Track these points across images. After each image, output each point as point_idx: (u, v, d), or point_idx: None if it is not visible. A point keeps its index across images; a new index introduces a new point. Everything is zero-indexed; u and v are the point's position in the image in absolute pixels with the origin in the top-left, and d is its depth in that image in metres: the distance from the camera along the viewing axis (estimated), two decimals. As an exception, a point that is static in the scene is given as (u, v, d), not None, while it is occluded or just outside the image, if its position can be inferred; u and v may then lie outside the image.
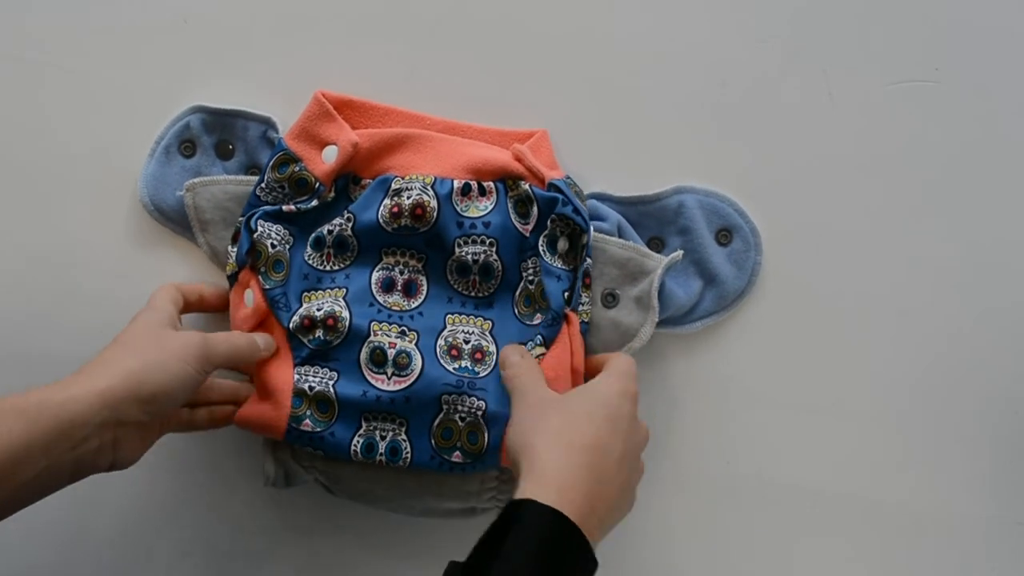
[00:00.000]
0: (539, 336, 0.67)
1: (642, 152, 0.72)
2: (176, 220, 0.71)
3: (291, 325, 0.66)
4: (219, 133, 0.71)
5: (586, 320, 0.68)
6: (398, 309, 0.68)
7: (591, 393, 0.60)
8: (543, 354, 0.66)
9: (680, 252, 0.69)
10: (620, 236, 0.70)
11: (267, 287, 0.67)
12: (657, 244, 0.71)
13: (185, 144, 0.71)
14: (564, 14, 0.72)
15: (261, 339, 0.66)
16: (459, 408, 0.65)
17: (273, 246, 0.67)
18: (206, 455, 0.74)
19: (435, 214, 0.66)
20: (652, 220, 0.71)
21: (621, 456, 0.57)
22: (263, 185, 0.68)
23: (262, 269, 0.67)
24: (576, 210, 0.67)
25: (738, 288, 0.71)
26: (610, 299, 0.69)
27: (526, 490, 0.54)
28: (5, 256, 0.73)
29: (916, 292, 0.73)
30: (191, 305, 0.69)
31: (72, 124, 0.73)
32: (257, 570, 0.75)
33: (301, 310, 0.66)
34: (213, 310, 0.70)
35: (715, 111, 0.72)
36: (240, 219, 0.68)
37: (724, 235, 0.71)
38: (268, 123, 0.71)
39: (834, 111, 0.72)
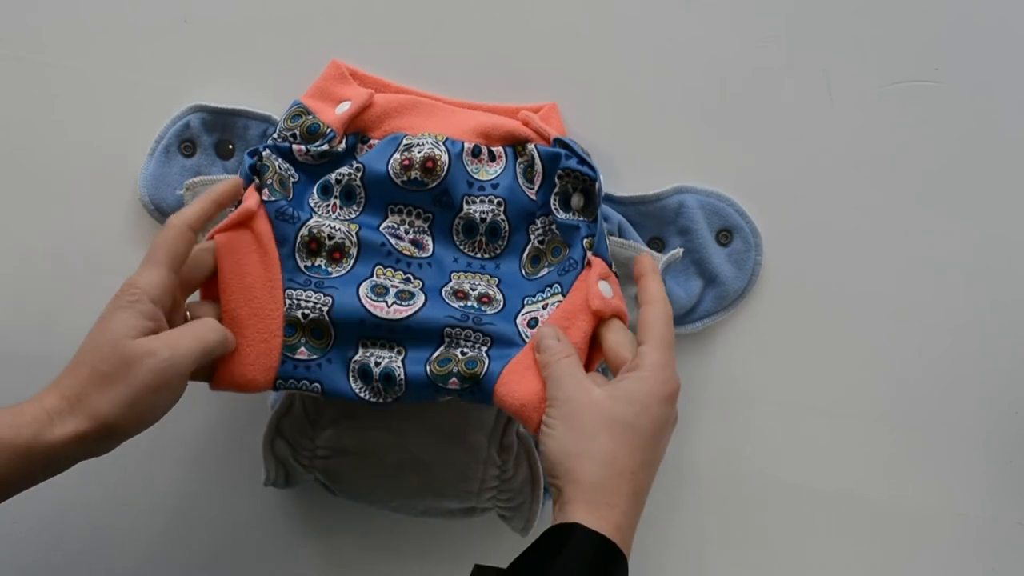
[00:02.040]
0: (556, 284, 0.64)
1: (642, 152, 0.72)
2: (176, 220, 0.71)
3: (298, 239, 0.64)
4: (219, 132, 0.71)
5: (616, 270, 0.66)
6: (409, 254, 0.66)
7: (637, 404, 0.56)
8: (560, 302, 0.64)
9: (680, 250, 0.68)
10: (621, 236, 0.70)
11: (271, 199, 0.64)
12: (658, 244, 0.71)
13: (185, 144, 0.71)
14: (562, 14, 0.72)
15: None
16: (462, 343, 0.62)
17: (280, 168, 0.65)
18: (206, 454, 0.74)
19: (445, 168, 0.66)
20: (652, 220, 0.71)
21: (658, 463, 0.57)
22: (275, 135, 0.67)
23: (269, 182, 0.64)
24: (581, 160, 0.65)
25: (738, 288, 0.71)
26: None
27: (575, 515, 0.53)
28: (5, 256, 0.73)
29: (916, 292, 0.73)
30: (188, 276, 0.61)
31: (72, 123, 0.73)
32: (257, 570, 0.75)
33: (311, 223, 0.64)
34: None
35: (715, 111, 0.72)
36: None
37: (724, 235, 0.71)
38: (268, 121, 0.71)
39: (834, 111, 0.72)
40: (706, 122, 0.72)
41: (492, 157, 0.67)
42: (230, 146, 0.71)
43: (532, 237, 0.67)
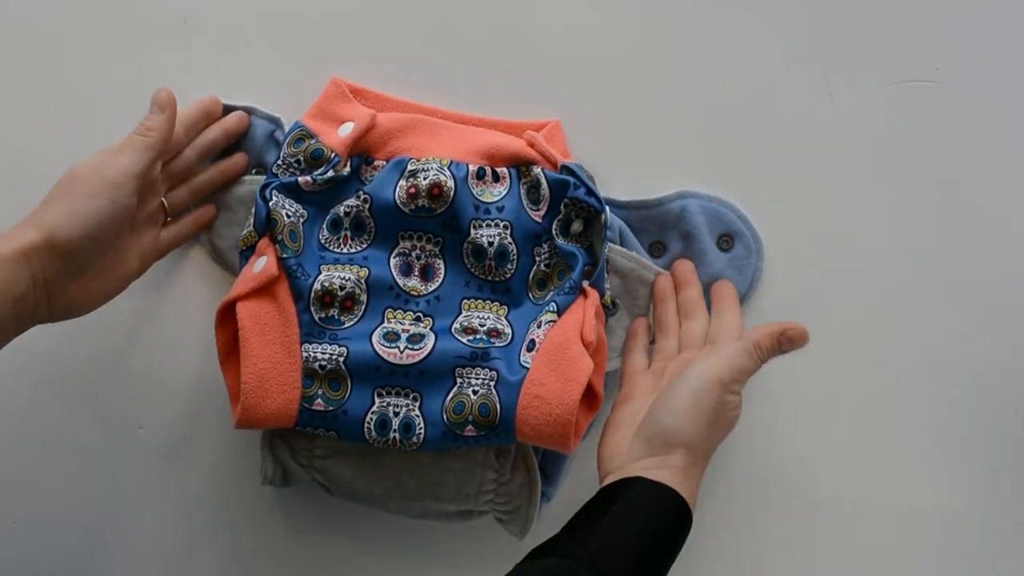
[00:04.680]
0: (553, 303, 0.66)
1: (641, 153, 0.72)
2: (178, 218, 0.71)
3: (312, 294, 0.65)
4: None
5: (607, 305, 0.68)
6: (416, 294, 0.68)
7: (729, 430, 0.64)
8: (554, 321, 0.65)
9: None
10: (621, 243, 0.70)
11: (284, 256, 0.65)
12: (659, 248, 0.71)
13: (192, 140, 0.71)
14: (562, 16, 0.72)
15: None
16: (472, 381, 0.64)
17: (288, 216, 0.66)
18: (203, 454, 0.74)
19: (452, 194, 0.66)
20: (654, 224, 0.71)
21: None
22: (279, 162, 0.68)
23: (279, 238, 0.65)
24: (589, 191, 0.66)
25: (739, 294, 0.71)
26: (611, 307, 0.69)
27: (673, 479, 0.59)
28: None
29: (915, 292, 0.73)
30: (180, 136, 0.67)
31: (72, 123, 0.73)
32: (254, 570, 0.75)
33: (323, 278, 0.65)
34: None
35: (715, 111, 0.72)
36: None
37: (726, 241, 0.71)
38: (275, 123, 0.71)
39: (834, 111, 0.72)
40: (706, 123, 0.72)
41: (496, 178, 0.68)
42: (233, 145, 0.71)
43: (538, 260, 0.68)
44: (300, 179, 0.67)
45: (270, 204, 0.66)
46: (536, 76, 0.72)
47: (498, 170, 0.68)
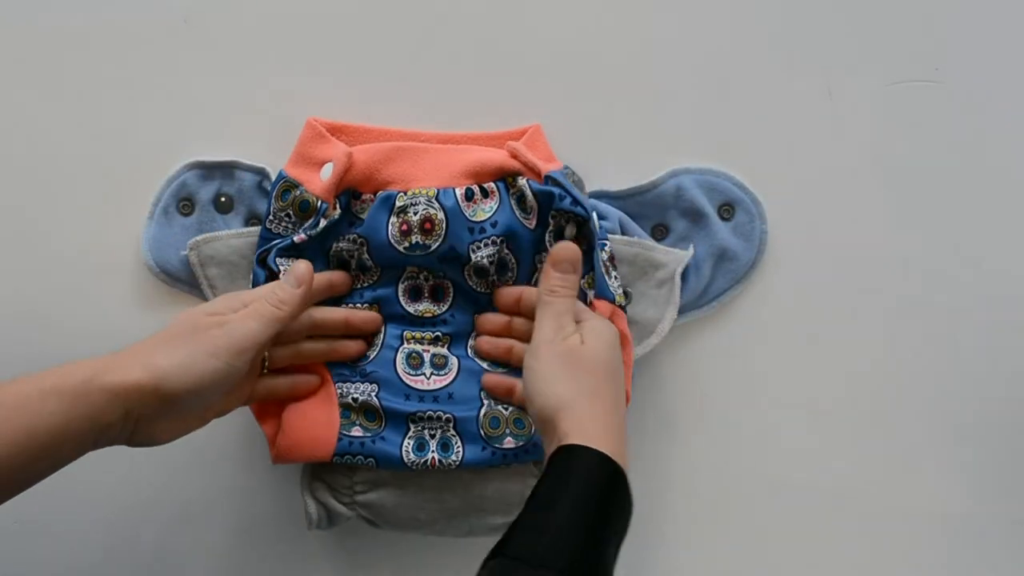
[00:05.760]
0: None
1: (641, 153, 0.72)
2: (184, 280, 0.71)
3: None
4: (215, 185, 0.71)
5: (622, 303, 0.68)
6: (429, 315, 0.69)
7: (604, 353, 0.61)
8: None
9: (691, 250, 0.70)
10: (623, 232, 0.70)
11: None
12: (661, 231, 0.71)
13: (183, 203, 0.70)
14: (560, 15, 0.72)
15: (293, 279, 0.63)
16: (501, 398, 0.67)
17: None
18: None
19: (444, 226, 0.66)
20: (652, 208, 0.71)
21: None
22: (271, 217, 0.68)
23: None
24: (575, 201, 0.66)
25: (749, 259, 0.71)
26: (625, 297, 0.69)
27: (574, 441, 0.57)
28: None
29: (915, 291, 0.73)
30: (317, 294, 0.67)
31: (71, 124, 0.72)
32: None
33: None
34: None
35: (715, 111, 0.72)
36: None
37: (726, 210, 0.71)
38: (261, 173, 0.71)
39: (834, 111, 0.72)
40: (706, 121, 0.73)
41: (485, 194, 0.68)
42: (228, 199, 0.71)
43: (540, 266, 0.68)
44: (295, 238, 0.67)
45: (278, 272, 0.66)
46: (533, 74, 0.72)
47: (486, 186, 0.68)
